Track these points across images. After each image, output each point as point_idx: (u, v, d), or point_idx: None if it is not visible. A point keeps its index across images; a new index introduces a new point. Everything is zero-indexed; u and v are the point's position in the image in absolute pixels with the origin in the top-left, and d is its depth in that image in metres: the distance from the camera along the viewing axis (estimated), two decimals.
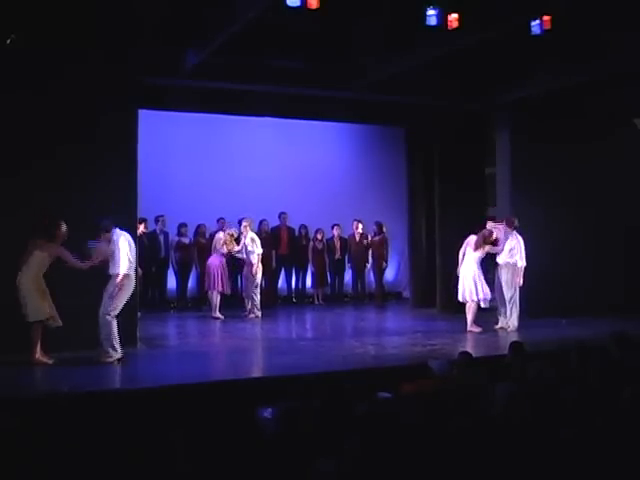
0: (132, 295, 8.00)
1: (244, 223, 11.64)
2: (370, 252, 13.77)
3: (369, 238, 13.72)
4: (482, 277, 9.81)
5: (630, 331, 6.75)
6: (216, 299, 11.48)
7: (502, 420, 4.14)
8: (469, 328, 9.79)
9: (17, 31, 7.72)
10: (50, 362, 7.49)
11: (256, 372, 7.76)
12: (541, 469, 3.54)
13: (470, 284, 9.75)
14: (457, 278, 9.98)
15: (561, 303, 10.59)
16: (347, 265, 14.09)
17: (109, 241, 7.73)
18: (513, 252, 9.94)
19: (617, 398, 4.40)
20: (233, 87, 10.22)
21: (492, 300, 10.09)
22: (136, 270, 8.13)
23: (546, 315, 10.55)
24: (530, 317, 10.57)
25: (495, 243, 9.95)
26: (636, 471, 3.56)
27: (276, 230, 13.33)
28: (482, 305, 9.84)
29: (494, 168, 11.79)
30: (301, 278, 13.76)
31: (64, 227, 7.47)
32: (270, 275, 13.16)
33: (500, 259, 10.04)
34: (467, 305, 9.87)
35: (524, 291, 10.27)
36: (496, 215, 11.26)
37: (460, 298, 9.93)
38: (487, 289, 9.84)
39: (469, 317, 9.84)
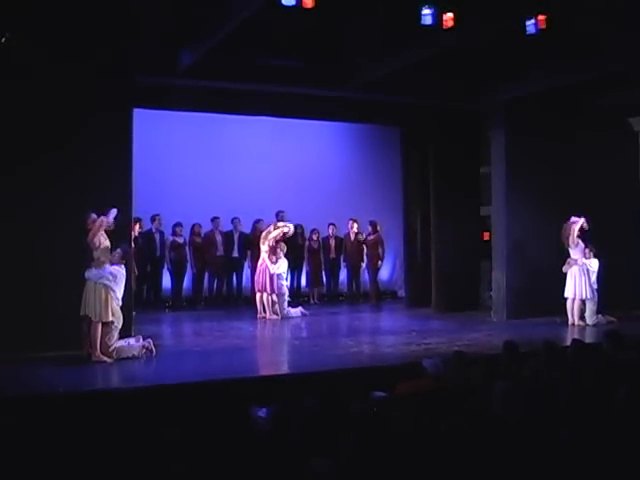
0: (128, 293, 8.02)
1: None
2: (365, 251, 13.79)
3: (364, 236, 13.74)
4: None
5: (626, 330, 6.78)
6: (265, 300, 11.52)
7: (498, 418, 4.14)
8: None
9: (12, 30, 7.70)
10: None
11: (251, 371, 7.74)
12: (537, 468, 3.54)
13: None
14: None
15: (557, 302, 10.60)
16: (342, 264, 14.11)
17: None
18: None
19: (612, 397, 4.41)
20: (229, 86, 10.19)
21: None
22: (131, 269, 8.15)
23: (543, 314, 10.57)
24: (526, 316, 10.60)
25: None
26: (633, 470, 3.57)
27: None
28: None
29: (489, 167, 11.79)
30: (296, 277, 13.74)
31: None
32: None
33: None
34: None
35: (521, 290, 10.61)
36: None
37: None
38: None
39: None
